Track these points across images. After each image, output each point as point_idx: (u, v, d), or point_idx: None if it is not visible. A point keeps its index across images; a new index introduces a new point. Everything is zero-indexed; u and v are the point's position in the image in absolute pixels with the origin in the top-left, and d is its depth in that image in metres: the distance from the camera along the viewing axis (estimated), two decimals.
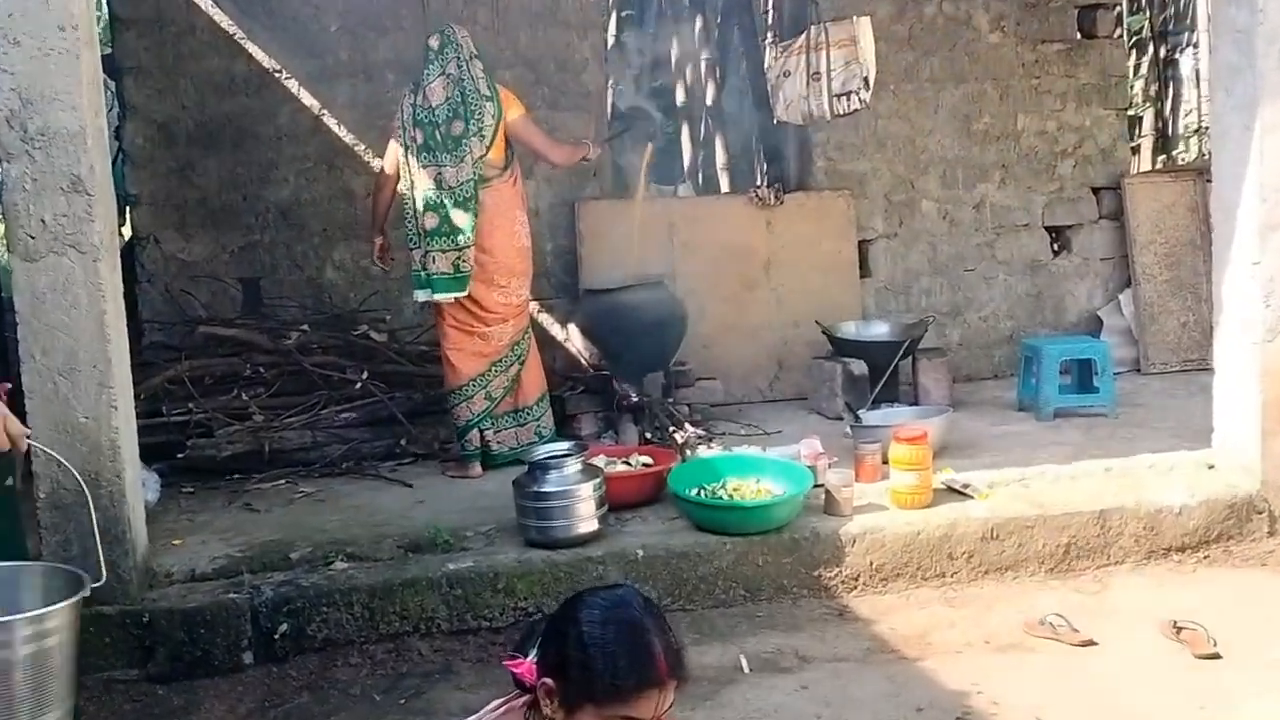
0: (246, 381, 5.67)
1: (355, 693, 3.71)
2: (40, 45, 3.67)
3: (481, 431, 5.33)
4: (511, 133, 5.26)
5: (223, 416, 5.49)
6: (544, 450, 4.46)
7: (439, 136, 5.10)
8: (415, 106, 5.15)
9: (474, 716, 2.07)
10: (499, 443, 5.37)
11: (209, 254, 6.36)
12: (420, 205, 5.12)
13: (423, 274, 5.16)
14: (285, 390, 5.69)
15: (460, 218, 5.08)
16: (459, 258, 5.11)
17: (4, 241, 8.62)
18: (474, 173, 5.11)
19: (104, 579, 3.22)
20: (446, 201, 5.09)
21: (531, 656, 2.01)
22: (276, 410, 5.58)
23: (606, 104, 7.39)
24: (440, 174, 5.09)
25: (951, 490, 4.61)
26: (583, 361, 6.15)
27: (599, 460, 4.71)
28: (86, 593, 3.04)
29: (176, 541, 4.44)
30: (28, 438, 3.12)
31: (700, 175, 10.66)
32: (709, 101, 10.73)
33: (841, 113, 6.41)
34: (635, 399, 5.62)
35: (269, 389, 5.67)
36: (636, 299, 5.87)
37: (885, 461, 4.68)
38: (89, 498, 3.32)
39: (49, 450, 3.59)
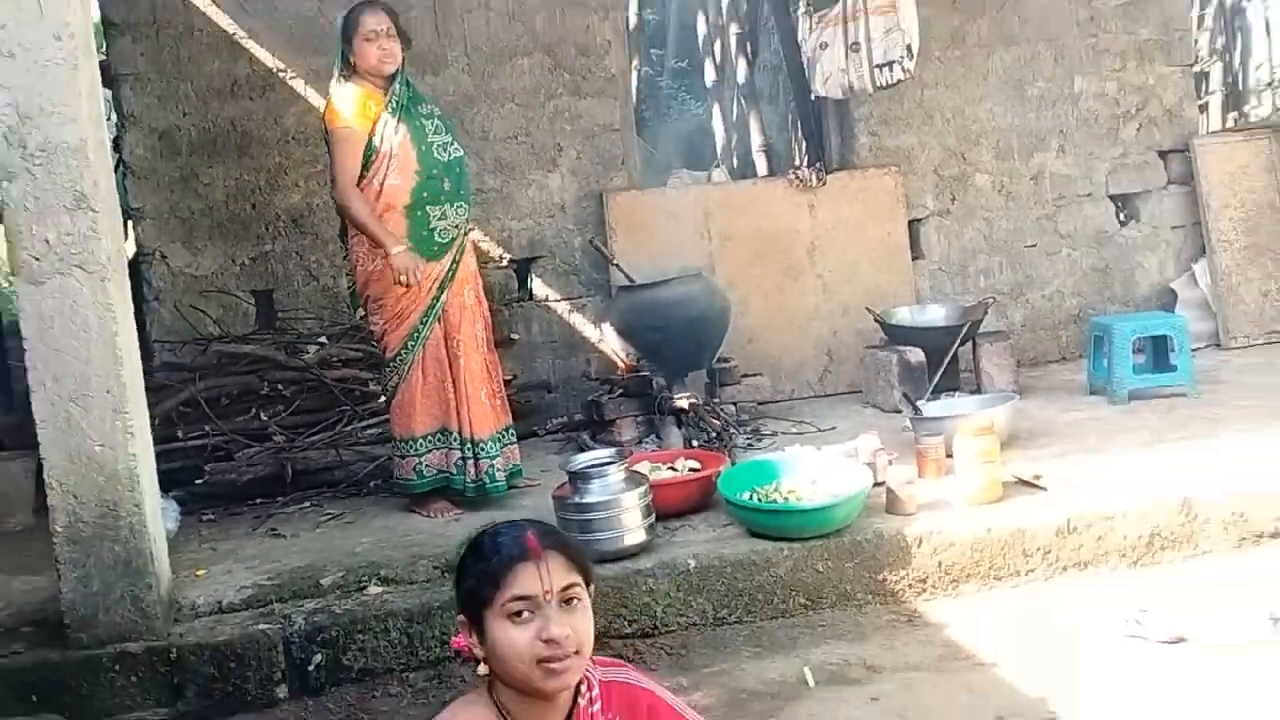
0: (264, 400, 5.74)
1: None
2: (36, 57, 3.73)
3: None
4: None
5: (241, 438, 5.57)
6: (584, 459, 4.48)
7: None
8: None
9: (444, 712, 2.17)
10: None
11: (218, 267, 6.43)
12: None
13: None
14: (306, 407, 5.76)
15: None
16: None
17: (6, 264, 8.74)
18: None
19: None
20: None
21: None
22: (297, 429, 5.65)
23: (631, 87, 7.41)
24: None
25: (1022, 483, 4.61)
26: (620, 363, 6.18)
27: (643, 467, 4.74)
28: None
29: (200, 572, 4.50)
30: None
31: (735, 158, 10.70)
32: (741, 79, 10.76)
33: (884, 84, 6.44)
34: (678, 400, 5.64)
35: (288, 407, 5.74)
36: (675, 293, 5.87)
37: (949, 455, 4.68)
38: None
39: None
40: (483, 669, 2.07)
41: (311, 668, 3.97)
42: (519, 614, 2.00)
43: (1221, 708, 3.34)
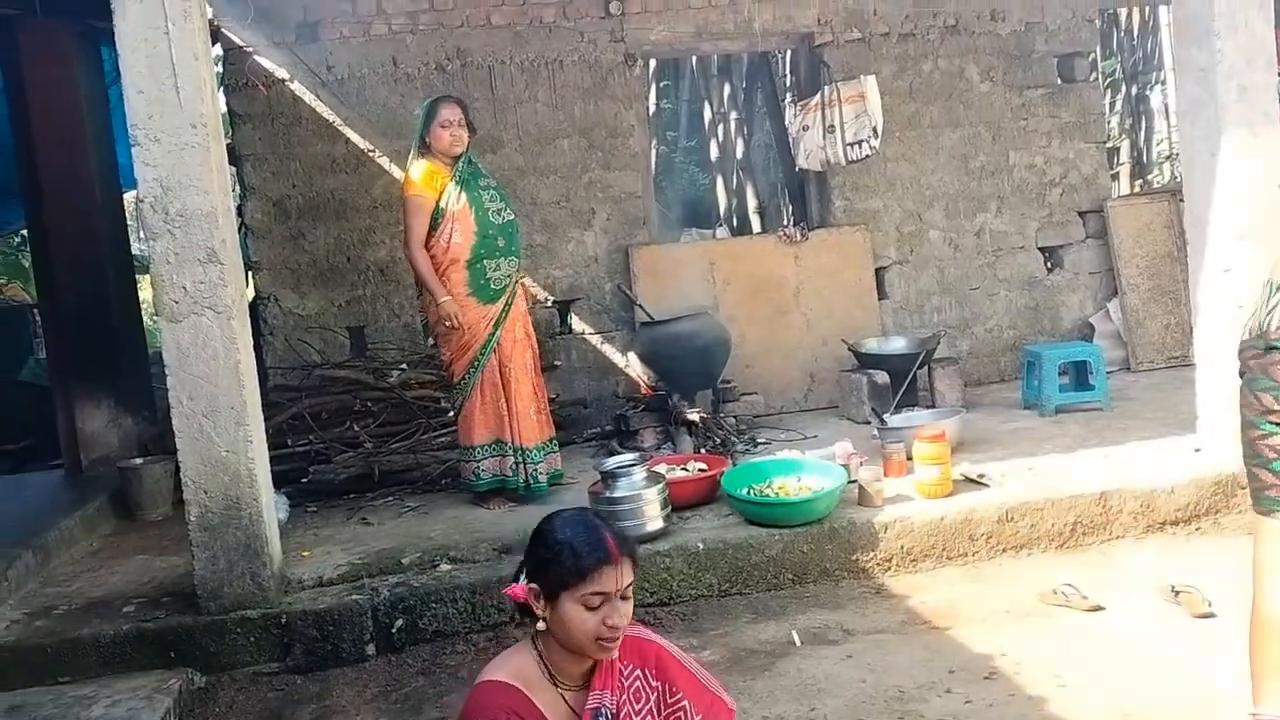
0: (357, 415, 5.74)
1: (463, 675, 3.74)
2: (176, 141, 3.78)
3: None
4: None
5: (338, 445, 5.57)
6: (614, 462, 4.49)
7: None
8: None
9: (496, 659, 2.23)
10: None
11: (320, 308, 6.46)
12: None
13: None
14: (390, 420, 5.75)
15: None
16: None
17: (152, 306, 8.79)
18: None
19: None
20: None
21: (521, 581, 2.19)
22: (383, 438, 5.65)
23: (651, 162, 7.42)
24: None
25: (969, 480, 4.58)
26: (642, 384, 6.18)
27: (661, 468, 4.74)
28: None
29: (305, 553, 4.51)
30: None
31: (734, 219, 10.71)
32: (739, 155, 10.78)
33: (855, 159, 6.44)
34: (689, 414, 5.64)
35: (376, 420, 5.73)
36: (686, 328, 5.88)
37: (909, 458, 4.66)
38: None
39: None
40: (540, 626, 2.13)
41: (394, 630, 3.98)
42: (594, 605, 2.07)
43: (1131, 661, 3.32)
